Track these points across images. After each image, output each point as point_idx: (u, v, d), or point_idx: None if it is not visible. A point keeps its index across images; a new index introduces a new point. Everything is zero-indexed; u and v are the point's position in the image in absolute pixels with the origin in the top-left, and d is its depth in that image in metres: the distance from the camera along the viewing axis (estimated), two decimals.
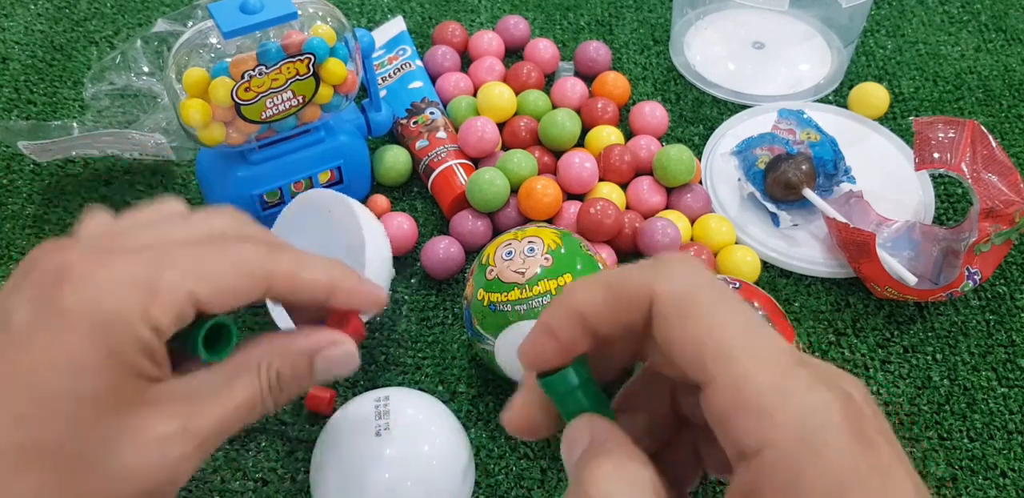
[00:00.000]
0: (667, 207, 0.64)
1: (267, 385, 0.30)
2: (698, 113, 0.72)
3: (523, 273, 0.49)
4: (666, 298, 0.23)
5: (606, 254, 0.60)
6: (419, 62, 0.72)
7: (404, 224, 0.61)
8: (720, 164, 0.66)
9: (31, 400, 0.25)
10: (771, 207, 0.62)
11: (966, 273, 0.56)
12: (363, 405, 0.48)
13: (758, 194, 0.63)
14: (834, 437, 0.21)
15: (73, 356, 0.25)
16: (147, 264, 0.28)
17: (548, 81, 0.73)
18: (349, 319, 0.35)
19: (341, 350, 0.33)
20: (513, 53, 0.76)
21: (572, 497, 0.24)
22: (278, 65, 0.52)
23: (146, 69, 0.68)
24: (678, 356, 0.23)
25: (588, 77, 0.73)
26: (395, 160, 0.64)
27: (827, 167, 0.62)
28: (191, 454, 0.27)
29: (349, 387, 0.56)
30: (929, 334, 0.58)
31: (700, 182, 0.65)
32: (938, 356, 0.57)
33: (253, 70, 0.51)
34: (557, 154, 0.66)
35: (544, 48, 0.73)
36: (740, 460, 0.21)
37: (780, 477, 0.20)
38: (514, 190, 0.62)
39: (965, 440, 0.53)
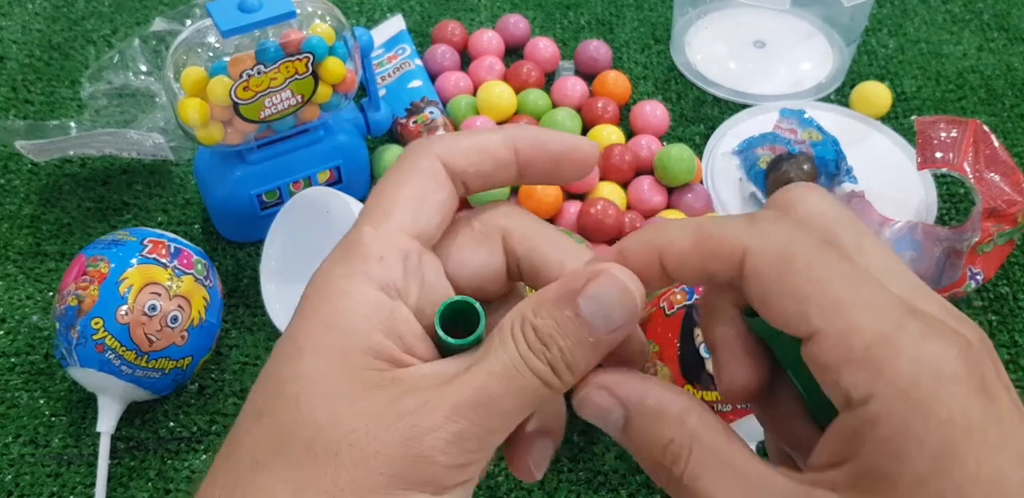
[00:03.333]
0: (668, 207, 0.63)
1: (525, 346, 0.23)
2: (699, 112, 0.71)
3: None
4: (762, 254, 0.22)
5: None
6: (418, 61, 0.72)
7: None
8: (721, 164, 0.66)
9: None
10: None
11: (968, 273, 0.55)
12: None
13: (759, 194, 0.63)
14: (947, 390, 0.20)
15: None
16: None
17: (548, 80, 0.73)
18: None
19: (610, 283, 0.23)
20: (513, 52, 0.76)
21: None
22: (277, 64, 0.52)
23: (144, 68, 0.68)
24: (776, 312, 0.22)
25: (588, 76, 0.72)
26: (394, 160, 0.64)
27: (829, 167, 0.62)
28: (440, 425, 0.22)
29: None
30: None
31: (701, 182, 0.65)
32: None
33: (252, 69, 0.51)
34: None
35: (544, 47, 0.73)
36: (845, 407, 0.21)
37: (884, 431, 0.20)
38: (514, 190, 0.62)
39: None
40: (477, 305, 0.25)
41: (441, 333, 0.24)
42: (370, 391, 0.22)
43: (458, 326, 0.24)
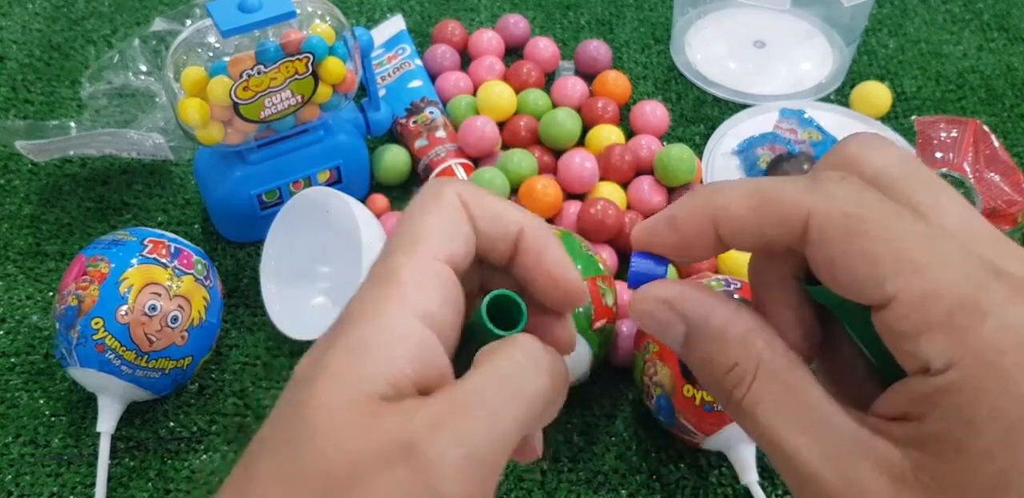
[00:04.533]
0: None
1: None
2: (699, 112, 0.71)
3: None
4: (828, 216, 0.20)
5: (606, 254, 0.59)
6: (418, 61, 0.72)
7: None
8: (721, 164, 0.66)
9: None
10: None
11: None
12: None
13: None
14: None
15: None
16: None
17: (548, 80, 0.73)
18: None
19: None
20: (513, 52, 0.76)
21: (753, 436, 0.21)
22: (277, 64, 0.52)
23: (144, 68, 0.68)
24: (846, 277, 0.20)
25: (588, 76, 0.72)
26: (394, 160, 0.64)
27: None
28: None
29: None
30: None
31: (701, 182, 0.65)
32: None
33: (252, 69, 0.51)
34: (557, 154, 0.65)
35: (544, 47, 0.73)
36: (919, 372, 0.19)
37: (960, 398, 0.19)
38: (514, 190, 0.62)
39: None
40: (519, 299, 0.25)
41: (488, 324, 0.24)
42: (381, 420, 0.21)
43: (494, 319, 0.25)
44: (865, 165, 0.22)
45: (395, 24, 0.76)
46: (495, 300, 0.25)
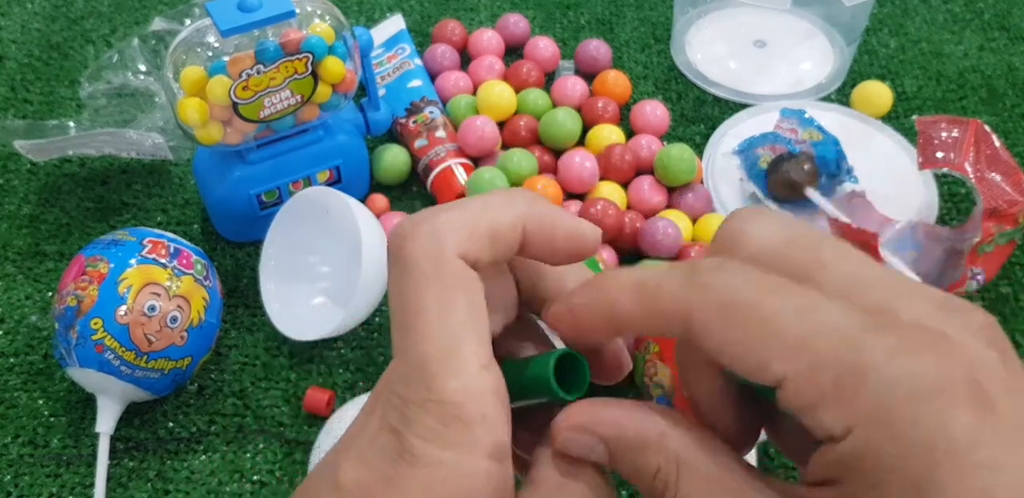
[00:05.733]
0: (668, 207, 0.63)
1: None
2: (699, 112, 0.71)
3: None
4: (706, 310, 0.20)
5: (607, 254, 0.59)
6: (418, 61, 0.72)
7: None
8: (722, 163, 0.66)
9: None
10: (773, 207, 0.62)
11: (969, 273, 0.55)
12: (361, 406, 0.47)
13: (760, 194, 0.63)
14: (926, 409, 0.18)
15: None
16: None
17: (548, 80, 0.73)
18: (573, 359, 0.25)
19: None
20: (513, 52, 0.76)
21: None
22: (276, 64, 0.52)
23: (143, 68, 0.67)
24: (737, 364, 0.20)
25: (589, 76, 0.72)
26: (394, 159, 0.64)
27: (829, 167, 0.62)
28: None
29: (347, 388, 0.55)
30: None
31: (701, 182, 0.65)
32: None
33: (251, 69, 0.51)
34: (557, 153, 0.65)
35: (544, 47, 0.72)
36: (828, 441, 0.20)
37: (864, 462, 0.19)
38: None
39: None
40: (584, 360, 0.24)
41: (556, 387, 0.24)
42: None
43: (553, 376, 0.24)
44: (745, 240, 0.22)
45: (395, 24, 0.76)
46: (560, 360, 0.24)
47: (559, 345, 0.26)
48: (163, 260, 0.52)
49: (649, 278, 0.22)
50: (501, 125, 0.67)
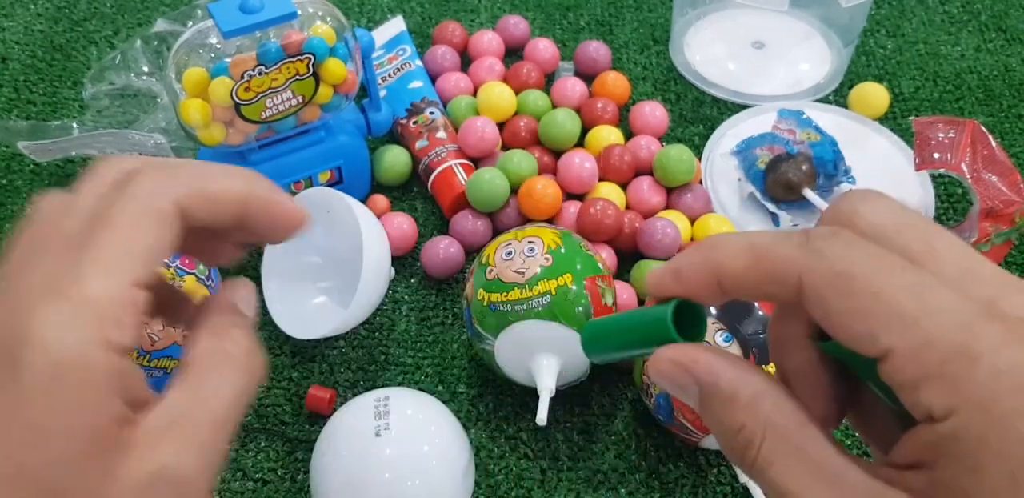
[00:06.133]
0: (667, 207, 0.64)
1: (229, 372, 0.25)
2: (698, 113, 0.72)
3: (523, 273, 0.49)
4: (818, 275, 0.21)
5: (606, 254, 0.60)
6: (419, 62, 0.72)
7: (404, 224, 0.61)
8: (720, 164, 0.66)
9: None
10: (771, 207, 0.62)
11: None
12: (363, 405, 0.48)
13: (758, 194, 0.63)
14: None
15: (36, 431, 0.22)
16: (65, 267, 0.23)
17: (548, 81, 0.73)
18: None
19: (243, 287, 0.29)
20: (513, 53, 0.76)
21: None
22: (278, 65, 0.52)
23: (146, 69, 0.68)
24: (843, 333, 0.21)
25: (588, 77, 0.73)
26: (395, 160, 0.64)
27: (827, 167, 0.62)
28: (187, 480, 0.23)
29: (349, 387, 0.56)
30: None
31: (700, 182, 0.65)
32: None
33: (253, 70, 0.51)
34: (557, 154, 0.66)
35: (544, 48, 0.73)
36: (925, 420, 0.20)
37: (963, 446, 0.19)
38: (514, 190, 0.62)
39: None
40: (700, 308, 0.25)
41: (675, 334, 0.24)
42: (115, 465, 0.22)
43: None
44: (858, 219, 0.22)
45: (395, 25, 0.76)
46: (677, 309, 0.24)
47: None
48: (165, 260, 0.52)
49: (762, 240, 0.22)
50: (501, 126, 0.67)
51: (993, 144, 0.59)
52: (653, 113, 0.68)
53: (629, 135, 0.69)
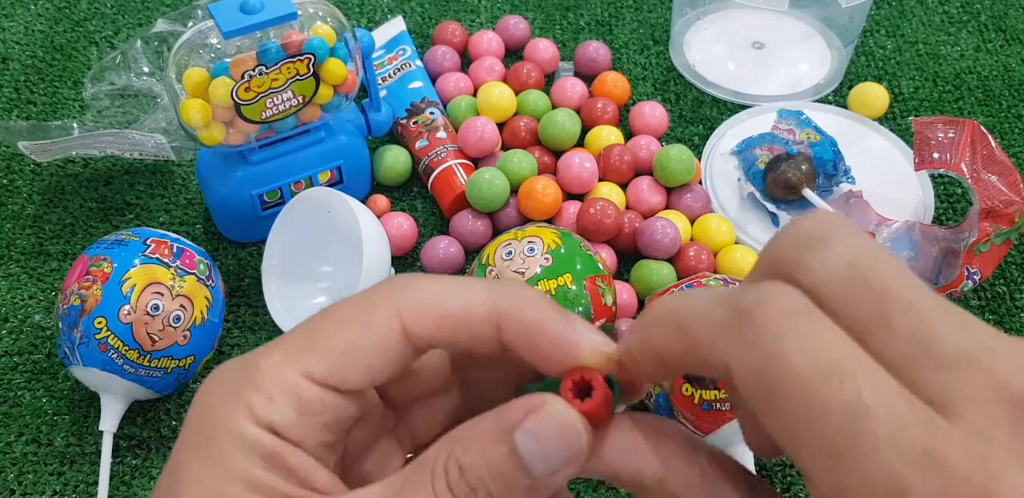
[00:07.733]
0: (667, 207, 0.64)
1: (445, 488, 0.20)
2: (698, 113, 0.72)
3: (523, 273, 0.49)
4: (744, 373, 0.18)
5: (606, 254, 0.60)
6: (419, 62, 0.72)
7: (404, 224, 0.61)
8: (720, 164, 0.66)
9: None
10: (771, 207, 0.62)
11: (965, 273, 0.56)
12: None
13: (758, 194, 0.63)
14: None
15: None
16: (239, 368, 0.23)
17: (548, 81, 0.73)
18: (590, 385, 0.22)
19: (549, 417, 0.21)
20: (513, 53, 0.76)
21: None
22: (278, 65, 0.52)
23: (146, 69, 0.68)
24: (772, 433, 0.18)
25: (588, 77, 0.73)
26: (395, 160, 0.64)
27: (827, 167, 0.63)
28: None
29: None
30: None
31: (700, 182, 0.65)
32: None
33: (253, 70, 0.51)
34: (557, 154, 0.66)
35: (544, 48, 0.73)
36: None
37: None
38: (514, 190, 0.62)
39: None
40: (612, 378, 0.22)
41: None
42: None
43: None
44: (803, 273, 0.19)
45: (396, 25, 0.76)
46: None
47: None
48: (166, 260, 0.52)
49: (692, 319, 0.20)
50: (501, 126, 0.67)
51: (993, 144, 0.59)
52: (653, 113, 0.68)
53: (629, 135, 0.69)
